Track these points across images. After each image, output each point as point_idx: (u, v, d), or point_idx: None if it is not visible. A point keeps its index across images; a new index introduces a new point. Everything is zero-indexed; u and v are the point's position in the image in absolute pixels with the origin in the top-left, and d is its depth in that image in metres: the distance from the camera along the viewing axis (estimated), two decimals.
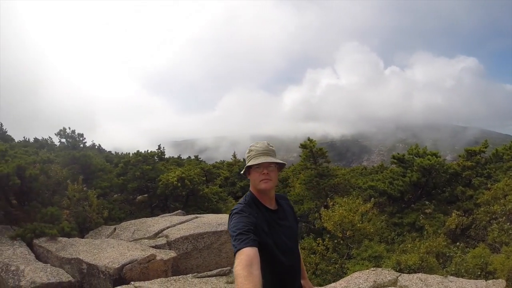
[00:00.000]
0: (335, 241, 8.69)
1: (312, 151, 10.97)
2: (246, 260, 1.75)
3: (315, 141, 11.07)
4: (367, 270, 6.67)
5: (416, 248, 6.58)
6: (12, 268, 5.85)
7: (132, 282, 6.86)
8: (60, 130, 10.77)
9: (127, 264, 7.28)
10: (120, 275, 7.12)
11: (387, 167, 12.70)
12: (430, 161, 8.83)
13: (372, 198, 9.01)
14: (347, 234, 8.48)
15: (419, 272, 6.26)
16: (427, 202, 9.26)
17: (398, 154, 9.94)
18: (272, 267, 2.10)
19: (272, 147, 2.32)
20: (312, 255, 9.05)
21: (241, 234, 1.91)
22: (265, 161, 2.17)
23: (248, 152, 2.27)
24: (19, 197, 8.01)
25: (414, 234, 7.92)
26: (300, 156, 11.36)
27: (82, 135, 11.10)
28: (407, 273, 6.29)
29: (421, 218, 7.80)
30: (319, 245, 8.94)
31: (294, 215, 2.51)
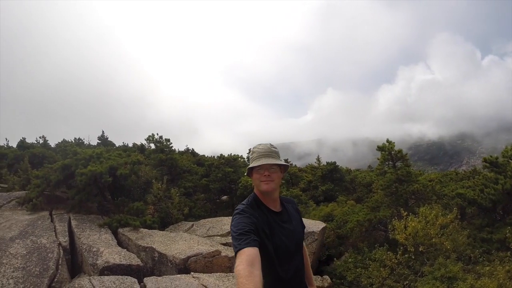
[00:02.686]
0: (406, 255, 7.65)
1: (391, 153, 9.92)
2: (247, 260, 1.76)
3: (393, 142, 10.00)
4: None
5: (495, 272, 5.26)
6: (94, 249, 7.06)
7: (192, 273, 7.47)
8: (149, 136, 12.54)
9: (192, 257, 7.97)
10: (185, 266, 7.84)
11: (480, 172, 10.46)
12: None
13: (455, 209, 7.57)
14: (420, 249, 7.37)
15: None
16: None
17: (491, 156, 8.07)
18: (271, 270, 2.11)
19: (275, 148, 2.31)
20: (381, 269, 8.18)
21: (242, 234, 1.93)
22: (266, 163, 2.17)
23: (251, 154, 2.30)
24: (113, 192, 9.60)
25: (502, 253, 6.30)
26: (378, 159, 10.43)
27: (168, 140, 12.65)
28: None
29: (507, 233, 6.11)
30: (390, 259, 8.01)
31: (300, 219, 2.47)
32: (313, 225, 10.18)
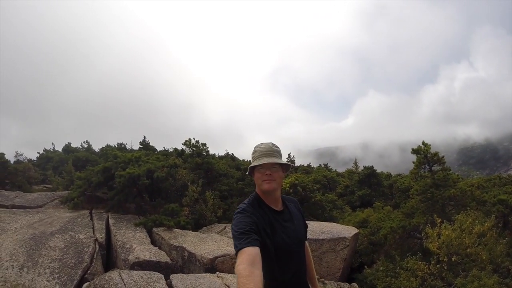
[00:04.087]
0: (439, 265, 7.18)
1: (427, 156, 9.36)
2: (247, 259, 1.75)
3: (429, 144, 9.42)
4: None
5: None
6: (127, 246, 7.63)
7: (217, 272, 7.74)
8: (186, 141, 13.13)
9: (219, 257, 8.26)
10: (212, 265, 8.13)
11: None
12: None
13: (493, 216, 6.93)
14: (453, 259, 6.87)
15: None
16: None
17: None
18: (273, 270, 2.11)
19: (277, 147, 2.30)
20: (412, 279, 7.77)
21: (242, 234, 1.92)
22: (267, 162, 2.16)
23: (253, 153, 2.28)
24: (151, 194, 10.25)
25: None
26: (413, 162, 9.88)
27: (205, 144, 13.14)
28: None
29: None
30: (422, 269, 7.59)
31: (302, 219, 2.47)
32: (345, 231, 9.95)
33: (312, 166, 22.38)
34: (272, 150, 2.25)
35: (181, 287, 6.58)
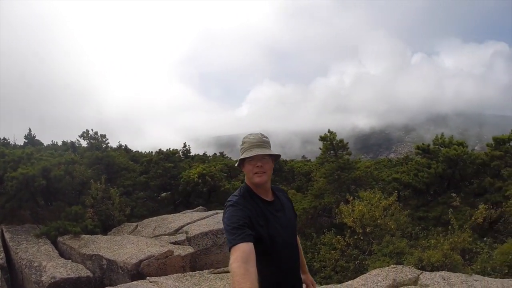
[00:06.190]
0: (355, 237, 8.39)
1: (333, 143, 10.66)
2: (242, 256, 1.72)
3: (335, 133, 10.77)
4: (387, 268, 6.33)
5: (439, 244, 6.17)
6: (35, 264, 6.15)
7: (148, 277, 6.99)
8: (83, 132, 11.28)
9: (144, 260, 7.43)
10: (138, 271, 7.28)
11: (412, 158, 12.14)
12: (457, 151, 8.22)
13: (395, 192, 8.57)
14: (367, 230, 8.15)
15: (442, 270, 5.86)
16: (453, 195, 8.71)
17: (423, 144, 9.42)
18: (268, 262, 2.05)
19: (266, 138, 2.24)
20: (332, 251, 8.79)
21: (236, 229, 1.87)
22: (258, 154, 2.10)
23: (242, 144, 2.21)
24: (46, 197, 8.43)
25: (440, 228, 7.45)
26: (320, 149, 11.09)
27: (104, 136, 11.53)
28: (429, 271, 5.92)
29: (449, 212, 7.28)
30: (340, 242, 8.66)
31: (292, 207, 2.43)
32: None
33: (208, 155, 22.37)
34: (262, 141, 2.22)
35: None
